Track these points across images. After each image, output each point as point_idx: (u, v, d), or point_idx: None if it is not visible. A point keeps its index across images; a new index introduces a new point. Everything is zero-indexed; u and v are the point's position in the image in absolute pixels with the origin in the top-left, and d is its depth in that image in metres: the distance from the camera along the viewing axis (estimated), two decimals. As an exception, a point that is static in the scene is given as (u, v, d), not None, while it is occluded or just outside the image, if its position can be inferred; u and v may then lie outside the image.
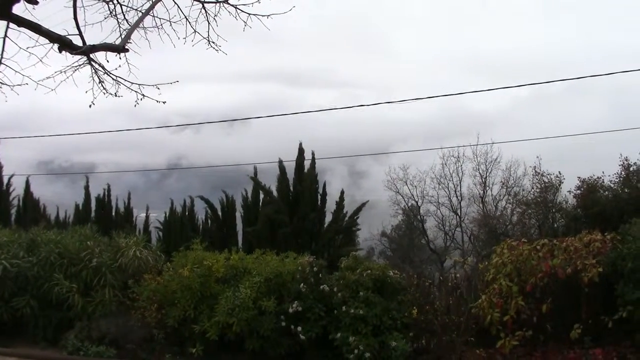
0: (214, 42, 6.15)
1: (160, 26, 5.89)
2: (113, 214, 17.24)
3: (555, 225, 13.42)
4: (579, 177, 13.05)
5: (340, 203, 15.26)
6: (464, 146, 21.84)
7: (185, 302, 9.38)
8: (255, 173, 16.09)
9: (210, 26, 5.92)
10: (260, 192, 15.71)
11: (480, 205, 20.30)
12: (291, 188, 15.14)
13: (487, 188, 21.25)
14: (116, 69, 5.43)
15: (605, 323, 8.65)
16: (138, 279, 10.08)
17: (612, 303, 8.71)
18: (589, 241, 9.00)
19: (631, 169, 12.40)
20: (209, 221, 16.20)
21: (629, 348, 8.79)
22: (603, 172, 12.87)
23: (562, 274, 8.66)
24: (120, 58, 5.38)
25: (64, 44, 4.69)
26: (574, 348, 8.83)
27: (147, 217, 16.76)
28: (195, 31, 6.16)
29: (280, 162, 15.50)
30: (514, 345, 8.74)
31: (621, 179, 12.50)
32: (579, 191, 12.86)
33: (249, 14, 5.52)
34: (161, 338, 9.60)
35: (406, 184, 22.53)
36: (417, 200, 22.62)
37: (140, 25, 5.72)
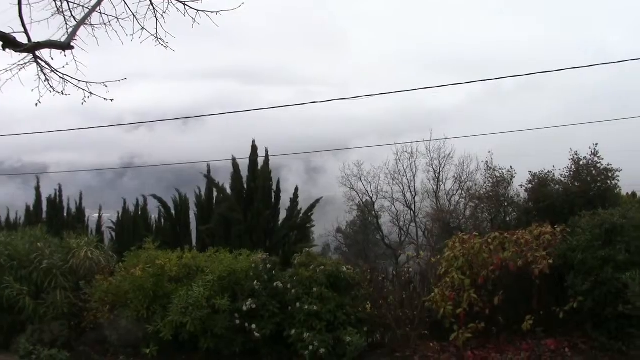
0: (161, 39, 6.02)
1: (108, 23, 5.75)
2: (65, 214, 16.77)
3: (508, 219, 13.54)
4: (530, 172, 13.17)
5: (294, 200, 15.22)
6: (417, 142, 22.10)
7: (138, 303, 9.24)
8: (209, 171, 15.94)
9: (158, 23, 5.79)
10: (214, 190, 15.54)
11: (434, 200, 20.52)
12: (245, 185, 15.07)
13: (441, 183, 21.44)
14: (63, 67, 5.31)
15: (557, 314, 8.77)
16: (90, 280, 9.90)
17: (563, 294, 8.83)
18: (539, 234, 9.09)
19: (581, 163, 12.54)
20: (163, 220, 16.02)
21: (580, 338, 8.93)
22: (554, 167, 13.03)
23: (513, 266, 8.74)
24: (65, 56, 5.26)
25: (8, 42, 4.58)
26: (527, 339, 8.93)
27: (99, 217, 16.49)
28: (142, 28, 6.01)
29: (234, 159, 15.32)
30: (467, 337, 8.79)
31: (571, 173, 12.61)
32: (530, 185, 12.98)
33: (198, 11, 5.42)
34: (114, 339, 9.47)
35: (360, 180, 22.72)
36: (371, 196, 22.77)
37: (88, 22, 5.57)
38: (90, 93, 5.69)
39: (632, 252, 8.36)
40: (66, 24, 5.38)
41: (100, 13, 5.48)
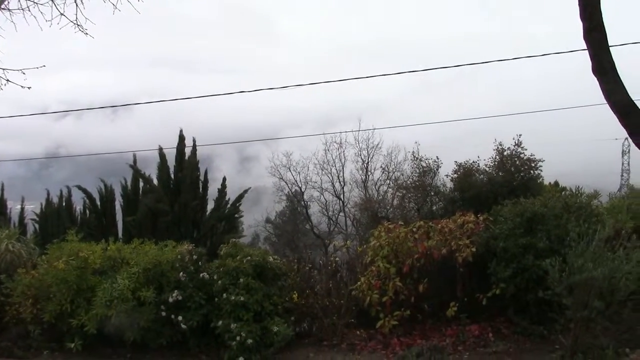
0: (81, 26, 5.86)
1: (27, 8, 5.56)
2: (-15, 206, 16.23)
3: (434, 208, 13.82)
4: (456, 162, 13.47)
5: (222, 190, 15.10)
6: (346, 132, 22.31)
7: (62, 296, 8.99)
8: (135, 161, 15.67)
9: (78, 9, 5.63)
10: (141, 180, 15.28)
11: (363, 190, 20.79)
12: (172, 176, 14.86)
13: (369, 173, 21.76)
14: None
15: (480, 300, 8.88)
16: (11, 273, 9.58)
17: (486, 281, 8.93)
18: (463, 222, 9.23)
19: (505, 153, 12.88)
20: (88, 212, 15.67)
21: (503, 323, 9.12)
22: (479, 157, 13.37)
23: (437, 254, 8.87)
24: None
25: None
26: (451, 325, 9.07)
27: (22, 208, 16.02)
28: (61, 14, 5.84)
29: (160, 149, 15.09)
30: (394, 324, 8.86)
31: (496, 163, 12.94)
32: (455, 175, 13.26)
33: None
34: (38, 334, 9.21)
35: (289, 170, 22.73)
36: (300, 186, 22.88)
37: (5, 6, 5.38)
38: (7, 80, 5.52)
39: (552, 239, 8.51)
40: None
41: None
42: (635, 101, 10.48)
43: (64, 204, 15.44)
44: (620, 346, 7.75)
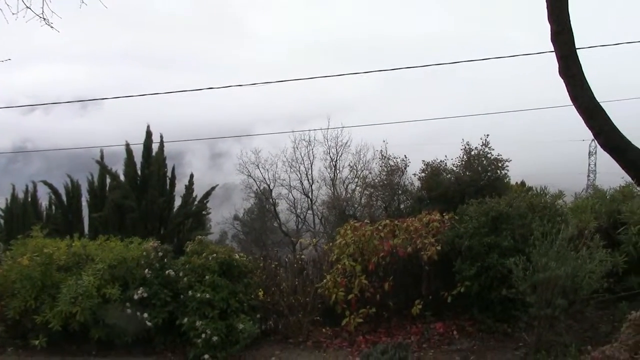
0: (46, 19, 5.81)
1: None
2: (-52, 202, 15.98)
3: (402, 207, 13.93)
4: (424, 161, 13.56)
5: (189, 187, 15.06)
6: (314, 130, 22.36)
7: (26, 293, 8.85)
8: (102, 156, 15.48)
9: (44, 2, 5.58)
10: (107, 176, 15.15)
11: (331, 188, 20.84)
12: (139, 172, 14.78)
13: (338, 171, 21.84)
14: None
15: (445, 298, 8.92)
16: (-25, 270, 9.47)
17: (451, 279, 8.95)
18: (428, 221, 9.27)
19: (472, 153, 13.00)
20: (53, 207, 15.54)
21: (468, 321, 9.15)
22: (446, 156, 13.47)
23: (402, 252, 8.89)
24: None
25: None
26: (416, 323, 9.09)
27: None
28: (27, 7, 5.79)
29: (127, 145, 14.96)
30: (359, 322, 8.85)
31: (463, 162, 13.05)
32: (423, 174, 13.36)
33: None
34: (2, 331, 9.09)
35: (258, 168, 22.67)
36: (269, 183, 22.82)
37: None
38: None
39: (516, 238, 8.51)
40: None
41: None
42: (600, 103, 10.66)
43: (29, 199, 15.31)
44: (583, 344, 7.81)
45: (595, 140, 10.60)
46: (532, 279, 7.49)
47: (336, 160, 21.62)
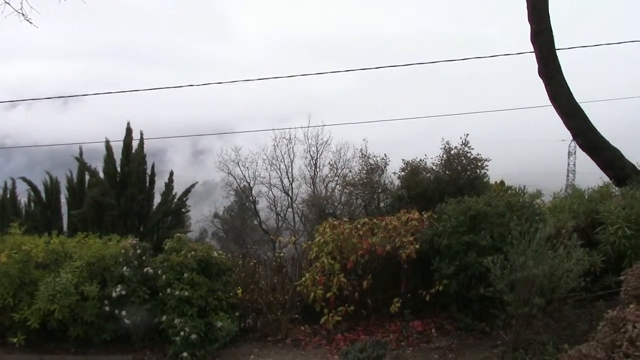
0: (24, 14, 5.80)
1: None
2: None
3: (382, 205, 13.98)
4: (404, 160, 13.60)
5: (169, 184, 15.02)
6: (295, 128, 22.34)
7: (4, 290, 8.74)
8: (81, 153, 15.36)
9: None
10: (87, 173, 15.09)
11: (311, 186, 20.87)
12: (119, 169, 14.73)
13: (318, 169, 21.86)
14: None
15: (424, 297, 8.92)
16: (-48, 267, 9.40)
17: (429, 278, 8.95)
18: (407, 220, 9.28)
19: (452, 152, 13.06)
20: (32, 204, 15.46)
21: (446, 319, 9.16)
22: (426, 155, 13.53)
23: (381, 251, 8.89)
24: None
25: None
26: (395, 321, 9.08)
27: None
28: (6, 2, 5.79)
29: (107, 142, 14.89)
30: (337, 320, 8.86)
31: (443, 161, 13.12)
32: (403, 173, 13.41)
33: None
34: (-21, 329, 9.13)
35: (238, 165, 22.59)
36: (249, 181, 22.76)
37: None
38: None
39: (494, 237, 8.49)
40: None
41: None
42: (580, 104, 10.78)
43: (8, 196, 15.22)
44: (560, 342, 7.82)
45: (574, 141, 10.69)
46: (510, 278, 7.48)
47: (316, 159, 21.76)
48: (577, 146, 10.24)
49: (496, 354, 7.92)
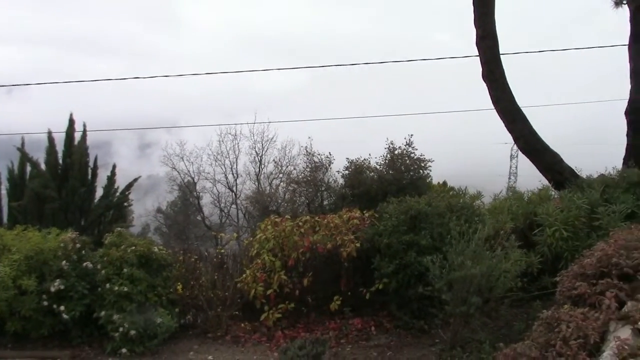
0: None
1: None
2: None
3: (325, 203, 14.08)
4: (348, 158, 13.71)
5: (111, 178, 14.86)
6: (241, 124, 22.29)
7: (-61, 284, 8.76)
8: (23, 144, 15.04)
9: None
10: (28, 164, 14.83)
11: (255, 183, 20.84)
12: (60, 161, 14.57)
13: (263, 166, 21.82)
14: None
15: (364, 295, 8.92)
16: None
17: (370, 276, 8.97)
18: (348, 218, 9.33)
19: (396, 152, 13.23)
20: None
21: (386, 317, 9.18)
22: (370, 154, 13.67)
23: (322, 249, 8.86)
24: None
25: None
26: (335, 319, 9.06)
27: None
28: None
29: (50, 133, 14.60)
30: (278, 317, 8.83)
31: (386, 161, 13.27)
32: (347, 171, 13.53)
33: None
34: None
35: (182, 160, 22.43)
36: (193, 176, 22.61)
37: None
38: None
39: (434, 237, 8.57)
40: None
41: None
42: (521, 108, 11.03)
43: (-56, 187, 14.94)
44: (497, 340, 7.91)
45: (515, 144, 10.94)
46: (448, 277, 7.53)
47: (261, 155, 21.72)
48: (518, 149, 10.45)
49: (434, 352, 7.98)
